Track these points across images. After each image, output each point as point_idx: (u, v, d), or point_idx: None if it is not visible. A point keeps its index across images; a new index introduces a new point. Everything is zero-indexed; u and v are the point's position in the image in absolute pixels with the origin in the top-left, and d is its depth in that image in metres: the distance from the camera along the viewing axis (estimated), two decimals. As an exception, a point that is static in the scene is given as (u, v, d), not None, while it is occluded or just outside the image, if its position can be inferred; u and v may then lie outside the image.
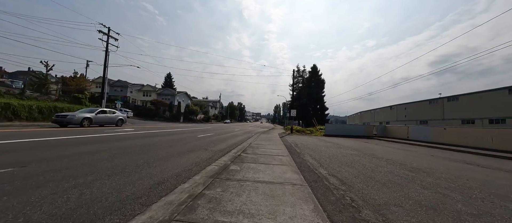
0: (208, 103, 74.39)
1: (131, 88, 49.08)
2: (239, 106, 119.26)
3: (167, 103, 43.14)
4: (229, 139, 13.35)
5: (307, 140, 15.90)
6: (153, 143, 8.88)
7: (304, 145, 11.80)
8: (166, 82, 67.63)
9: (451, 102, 50.24)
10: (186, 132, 16.38)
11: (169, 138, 11.28)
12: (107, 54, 25.47)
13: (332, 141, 15.98)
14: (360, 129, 20.83)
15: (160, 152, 7.03)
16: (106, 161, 5.11)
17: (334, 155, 8.60)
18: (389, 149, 12.00)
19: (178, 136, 12.62)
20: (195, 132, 17.03)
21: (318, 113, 54.65)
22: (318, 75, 55.03)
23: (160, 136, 12.24)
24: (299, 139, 16.07)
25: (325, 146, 11.94)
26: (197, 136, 13.51)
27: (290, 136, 18.82)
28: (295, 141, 14.07)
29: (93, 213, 2.48)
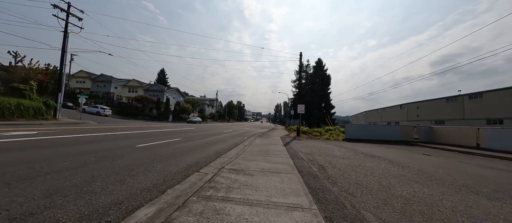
0: (204, 101, 69.14)
1: (116, 84, 44.00)
2: (239, 105, 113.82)
3: (154, 100, 38.03)
4: (198, 150, 8.11)
5: (327, 148, 10.61)
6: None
7: (335, 167, 6.46)
8: (159, 79, 62.55)
9: (473, 100, 44.71)
10: (134, 137, 11.13)
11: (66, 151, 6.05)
12: (66, 36, 20.29)
13: (364, 150, 10.70)
14: (394, 132, 15.37)
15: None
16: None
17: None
18: (496, 174, 6.71)
19: (95, 146, 7.41)
20: (156, 136, 11.80)
21: (323, 112, 49.32)
22: (324, 70, 49.75)
23: (64, 146, 7.05)
24: (314, 148, 10.78)
25: (376, 167, 6.62)
26: (146, 145, 8.28)
27: (299, 142, 13.53)
28: (311, 153, 8.75)
29: None
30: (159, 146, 7.93)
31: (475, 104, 44.11)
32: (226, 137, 14.53)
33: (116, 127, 15.99)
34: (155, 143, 8.73)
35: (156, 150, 7.09)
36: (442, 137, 14.60)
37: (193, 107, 44.58)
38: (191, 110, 43.51)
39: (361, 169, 5.83)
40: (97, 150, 6.17)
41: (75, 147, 6.51)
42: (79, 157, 5.08)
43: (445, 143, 13.96)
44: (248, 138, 14.71)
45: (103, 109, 32.35)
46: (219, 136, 14.81)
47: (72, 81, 44.66)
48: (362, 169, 5.84)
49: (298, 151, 8.84)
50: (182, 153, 6.87)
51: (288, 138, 15.96)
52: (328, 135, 26.77)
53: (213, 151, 7.87)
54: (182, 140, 10.49)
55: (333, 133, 27.38)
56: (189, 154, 6.79)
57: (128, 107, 39.06)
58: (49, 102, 18.85)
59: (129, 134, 11.60)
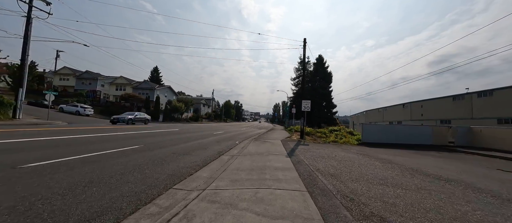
0: (199, 100, 65.66)
1: (103, 81, 40.36)
2: (236, 105, 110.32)
3: (142, 98, 34.56)
4: (147, 169, 4.81)
5: (352, 162, 7.28)
6: None
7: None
8: (152, 77, 59.01)
9: (482, 98, 41.82)
10: (78, 143, 7.80)
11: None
12: (28, 22, 16.92)
13: (404, 162, 7.46)
14: (424, 134, 12.09)
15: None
16: None
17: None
18: None
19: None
20: (113, 141, 8.51)
21: (324, 111, 46.21)
22: (325, 67, 46.62)
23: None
24: (333, 160, 7.49)
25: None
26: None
27: (306, 148, 10.23)
28: (336, 175, 5.40)
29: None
30: (82, 163, 4.62)
31: (485, 103, 41.21)
32: (212, 141, 11.25)
33: (79, 128, 12.62)
34: (90, 154, 5.42)
35: (57, 174, 3.78)
36: (489, 140, 11.40)
37: (187, 107, 41.14)
38: (184, 110, 40.05)
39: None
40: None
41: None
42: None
43: (494, 148, 10.81)
44: (240, 142, 11.45)
45: (84, 109, 28.88)
46: (203, 140, 11.52)
47: (56, 78, 41.02)
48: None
49: (312, 168, 5.56)
50: (100, 181, 3.56)
51: (291, 141, 12.71)
52: (334, 136, 23.50)
53: (171, 171, 4.59)
54: (142, 148, 7.18)
55: (339, 134, 24.12)
56: (109, 185, 3.48)
57: (114, 106, 35.55)
58: (3, 99, 15.47)
59: (77, 139, 8.26)
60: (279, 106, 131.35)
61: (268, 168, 5.19)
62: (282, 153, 7.94)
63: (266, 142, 11.63)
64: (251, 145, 10.20)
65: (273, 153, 7.83)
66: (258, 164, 5.71)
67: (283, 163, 5.91)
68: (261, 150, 8.47)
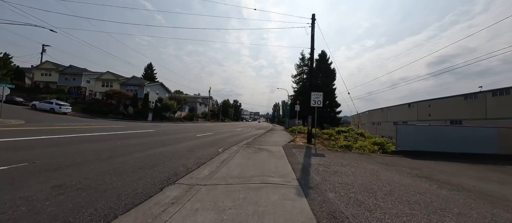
0: (196, 99, 62.05)
1: (88, 77, 36.64)
2: (235, 104, 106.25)
3: (129, 95, 30.87)
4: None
5: (431, 200, 3.64)
6: None
7: None
8: (146, 74, 55.30)
9: (497, 97, 38.21)
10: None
11: None
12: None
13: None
14: (485, 138, 8.49)
15: None
16: None
17: None
18: None
19: None
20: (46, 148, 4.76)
21: (327, 110, 42.60)
22: (328, 63, 43.01)
23: None
24: (395, 201, 3.77)
25: None
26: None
27: (324, 163, 6.56)
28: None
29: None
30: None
31: (501, 102, 37.63)
32: (185, 148, 7.66)
33: (24, 129, 8.99)
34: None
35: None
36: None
37: (179, 105, 37.49)
38: (176, 108, 36.42)
39: None
40: None
41: None
42: None
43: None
44: (225, 150, 7.86)
45: (59, 106, 25.23)
46: (175, 146, 7.92)
47: (37, 73, 37.39)
48: None
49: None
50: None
51: (297, 149, 9.10)
52: (344, 139, 19.88)
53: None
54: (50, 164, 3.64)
55: (349, 137, 20.49)
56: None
57: (98, 104, 31.93)
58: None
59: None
60: (279, 106, 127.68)
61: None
62: (288, 176, 4.37)
63: (262, 150, 8.04)
64: (238, 156, 6.62)
65: (272, 177, 4.25)
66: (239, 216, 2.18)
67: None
68: (251, 170, 4.88)
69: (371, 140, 18.63)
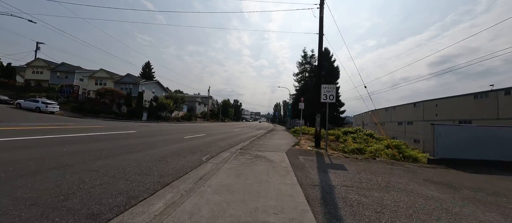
0: (195, 98, 60.02)
1: (82, 75, 34.76)
2: (235, 104, 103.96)
3: (123, 94, 28.94)
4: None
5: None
6: None
7: None
8: (144, 73, 53.48)
9: (510, 96, 35.94)
10: None
11: None
12: None
13: None
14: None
15: None
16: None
17: None
18: None
19: None
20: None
21: (331, 109, 40.53)
22: (331, 61, 40.93)
23: None
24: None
25: None
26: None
27: (357, 191, 4.55)
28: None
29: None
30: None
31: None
32: (162, 155, 5.66)
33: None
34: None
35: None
36: None
37: (176, 104, 35.54)
38: (173, 108, 34.47)
39: None
40: None
41: None
42: None
43: None
44: (210, 159, 5.86)
45: (45, 105, 23.36)
46: (146, 152, 5.92)
47: (28, 71, 35.62)
48: None
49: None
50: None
51: (305, 156, 7.07)
52: (352, 140, 17.72)
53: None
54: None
55: (357, 138, 18.35)
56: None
57: (90, 103, 30.09)
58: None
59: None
60: (280, 105, 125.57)
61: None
62: (304, 220, 2.38)
63: (260, 159, 6.03)
64: (225, 170, 4.61)
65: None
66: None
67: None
68: (238, 206, 2.87)
69: (384, 142, 16.54)
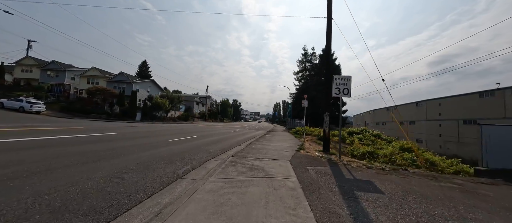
0: (192, 98, 58.23)
1: (72, 74, 32.98)
2: (234, 104, 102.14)
3: (115, 93, 27.26)
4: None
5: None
6: None
7: None
8: (140, 72, 51.74)
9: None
10: None
11: None
12: None
13: None
14: None
15: None
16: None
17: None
18: None
19: None
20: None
21: (332, 109, 38.99)
22: (332, 59, 39.34)
23: None
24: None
25: None
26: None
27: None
28: None
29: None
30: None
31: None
32: (123, 167, 4.07)
33: None
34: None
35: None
36: None
37: (172, 104, 33.89)
38: (168, 107, 32.82)
39: None
40: None
41: None
42: None
43: None
44: (193, 170, 4.28)
45: (30, 105, 21.70)
46: (103, 164, 4.33)
47: (17, 69, 33.90)
48: None
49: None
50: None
51: (314, 165, 5.49)
52: (359, 142, 16.23)
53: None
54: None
55: (364, 139, 16.76)
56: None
57: (81, 102, 28.43)
58: None
59: None
60: (279, 105, 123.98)
61: None
62: None
63: (256, 172, 4.42)
64: (198, 196, 3.00)
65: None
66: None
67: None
68: None
69: (395, 143, 14.94)
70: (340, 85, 6.35)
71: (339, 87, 6.34)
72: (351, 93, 6.26)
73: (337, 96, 6.40)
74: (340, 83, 6.35)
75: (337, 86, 6.35)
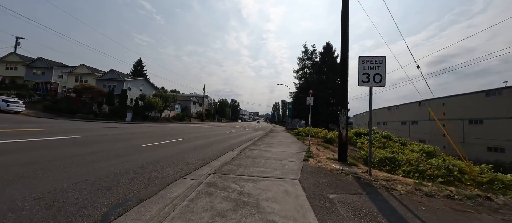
0: (189, 97, 56.17)
1: (60, 71, 30.87)
2: (233, 103, 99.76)
3: (103, 91, 25.21)
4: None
5: None
6: None
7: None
8: (135, 70, 49.60)
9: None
10: None
11: None
12: None
13: None
14: None
15: None
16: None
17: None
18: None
19: None
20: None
21: (334, 109, 37.07)
22: (333, 57, 37.52)
23: None
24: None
25: None
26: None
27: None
28: None
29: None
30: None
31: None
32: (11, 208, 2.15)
33: None
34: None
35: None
36: None
37: (166, 103, 31.85)
38: (161, 107, 30.77)
39: None
40: None
41: None
42: None
43: None
44: (138, 205, 2.38)
45: (7, 104, 19.63)
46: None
47: (1, 67, 31.68)
48: None
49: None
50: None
51: (338, 187, 3.60)
52: (366, 143, 13.91)
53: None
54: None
55: (375, 142, 14.81)
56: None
57: (68, 101, 26.34)
58: None
59: None
60: (279, 105, 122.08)
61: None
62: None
63: (244, 221, 2.55)
64: None
65: None
66: None
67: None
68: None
69: (412, 146, 13.02)
70: (369, 71, 4.40)
71: (368, 73, 4.39)
72: (385, 80, 4.31)
73: (366, 85, 4.45)
74: (369, 66, 4.41)
75: (365, 72, 4.41)
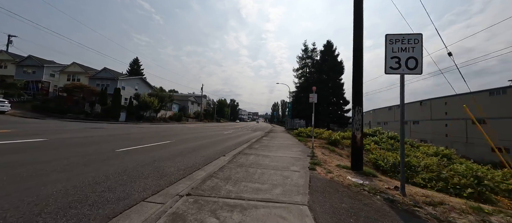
0: (187, 97, 54.97)
1: (51, 70, 29.62)
2: (232, 103, 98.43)
3: (95, 90, 24.01)
4: None
5: None
6: None
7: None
8: (132, 70, 48.36)
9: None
10: None
11: None
12: None
13: None
14: None
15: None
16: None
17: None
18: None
19: None
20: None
21: (335, 108, 35.94)
22: (334, 55, 36.35)
23: None
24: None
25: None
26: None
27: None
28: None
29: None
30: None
31: (538, 98, 31.19)
32: None
33: None
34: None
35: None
36: None
37: (162, 103, 30.64)
38: (157, 107, 29.57)
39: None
40: None
41: None
42: None
43: None
44: None
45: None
46: None
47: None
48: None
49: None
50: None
51: (365, 215, 2.49)
52: (376, 147, 13.10)
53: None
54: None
55: (381, 144, 13.73)
56: None
57: (59, 101, 25.11)
58: None
59: None
60: (278, 105, 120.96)
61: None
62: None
63: None
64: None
65: None
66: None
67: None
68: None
69: (424, 148, 11.87)
70: (400, 53, 3.26)
71: (398, 57, 3.25)
72: (422, 66, 3.17)
73: (395, 72, 3.30)
74: (399, 48, 3.26)
75: (395, 55, 3.26)
